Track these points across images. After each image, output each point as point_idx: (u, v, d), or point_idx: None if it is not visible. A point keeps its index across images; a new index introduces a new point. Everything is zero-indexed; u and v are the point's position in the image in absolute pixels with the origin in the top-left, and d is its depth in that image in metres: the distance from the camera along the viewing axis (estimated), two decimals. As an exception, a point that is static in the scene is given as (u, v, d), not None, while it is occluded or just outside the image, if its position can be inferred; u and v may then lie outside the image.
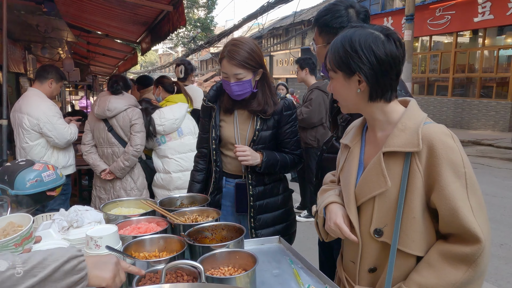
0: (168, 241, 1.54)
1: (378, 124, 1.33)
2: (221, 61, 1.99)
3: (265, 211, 2.13)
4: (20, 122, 3.45)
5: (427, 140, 1.18)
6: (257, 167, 2.04)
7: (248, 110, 2.07)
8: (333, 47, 1.28)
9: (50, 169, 2.72)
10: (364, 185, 1.29)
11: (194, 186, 2.26)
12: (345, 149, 1.46)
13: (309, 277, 1.50)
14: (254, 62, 1.96)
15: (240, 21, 11.52)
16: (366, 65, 1.21)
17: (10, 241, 1.17)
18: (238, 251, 1.43)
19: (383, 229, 1.26)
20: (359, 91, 1.26)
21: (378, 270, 1.32)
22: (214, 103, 2.14)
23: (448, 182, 1.15)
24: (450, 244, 1.19)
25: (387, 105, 1.29)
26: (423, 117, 1.25)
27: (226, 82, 2.00)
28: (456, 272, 1.16)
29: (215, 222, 1.69)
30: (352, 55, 1.22)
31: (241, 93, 1.99)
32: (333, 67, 1.28)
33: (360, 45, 1.21)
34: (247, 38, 2.08)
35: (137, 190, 3.51)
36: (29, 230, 1.23)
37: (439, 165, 1.16)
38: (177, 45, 32.35)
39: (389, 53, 1.21)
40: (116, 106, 3.35)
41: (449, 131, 1.22)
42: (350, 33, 1.25)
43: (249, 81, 1.98)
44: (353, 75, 1.25)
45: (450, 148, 1.17)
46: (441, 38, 15.00)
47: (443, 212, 1.17)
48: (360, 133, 1.42)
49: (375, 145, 1.34)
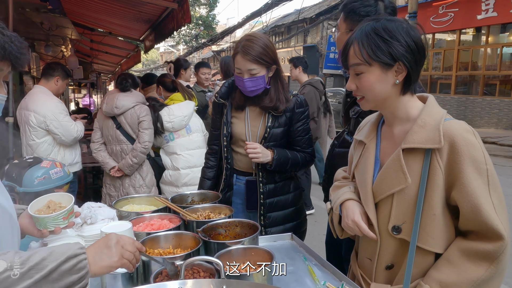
0: (183, 238, 1.54)
1: (396, 120, 1.31)
2: (235, 56, 1.97)
3: (275, 209, 2.12)
4: (27, 120, 3.45)
5: (449, 136, 1.17)
6: (267, 165, 2.02)
7: (260, 107, 2.05)
8: (364, 39, 1.22)
9: (58, 167, 2.72)
10: (382, 182, 1.28)
11: (205, 183, 2.25)
12: (360, 145, 1.45)
13: (324, 274, 1.49)
14: (268, 57, 1.94)
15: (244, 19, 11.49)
16: (408, 52, 1.19)
17: (60, 215, 1.29)
18: (254, 248, 1.42)
19: (402, 226, 1.25)
20: (397, 82, 1.23)
21: (395, 267, 1.31)
22: (226, 99, 2.12)
23: (470, 179, 1.14)
24: (471, 241, 1.19)
25: (410, 99, 1.28)
26: (443, 113, 1.24)
27: (239, 78, 1.97)
28: (477, 269, 1.16)
29: (228, 218, 1.69)
30: (393, 43, 1.19)
31: (255, 89, 1.97)
32: (368, 60, 1.22)
33: (399, 32, 1.19)
34: (260, 33, 2.06)
35: (145, 187, 3.51)
36: (72, 206, 1.35)
37: (461, 162, 1.15)
38: (179, 43, 32.30)
39: (423, 39, 1.21)
40: (124, 103, 3.35)
41: (470, 127, 1.20)
42: (381, 23, 1.22)
43: (262, 77, 1.96)
44: (392, 65, 1.21)
45: (472, 145, 1.16)
46: (444, 36, 14.95)
47: (465, 209, 1.16)
48: (375, 129, 1.41)
49: (392, 141, 1.33)
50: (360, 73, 1.25)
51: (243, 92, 2.02)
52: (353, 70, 1.28)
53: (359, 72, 1.25)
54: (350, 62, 1.27)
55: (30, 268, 0.91)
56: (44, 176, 2.63)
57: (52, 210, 1.31)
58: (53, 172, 2.67)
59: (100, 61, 12.24)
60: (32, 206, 1.32)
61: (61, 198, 1.39)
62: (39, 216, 1.27)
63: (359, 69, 1.25)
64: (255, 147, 1.97)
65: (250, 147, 1.97)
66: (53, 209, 1.32)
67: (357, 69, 1.25)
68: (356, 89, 1.30)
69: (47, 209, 1.32)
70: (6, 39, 1.03)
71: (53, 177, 2.66)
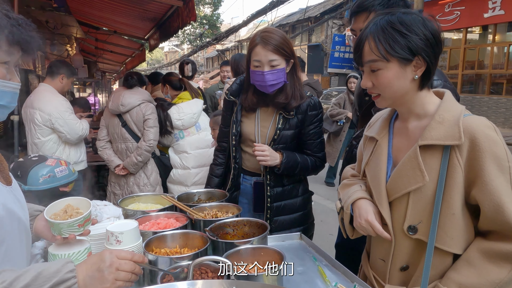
0: (190, 237, 1.50)
1: (412, 116, 1.27)
2: (253, 49, 1.87)
3: (282, 213, 2.05)
4: (32, 118, 3.43)
5: (469, 133, 1.13)
6: (275, 168, 1.96)
7: (273, 104, 1.97)
8: (381, 34, 1.16)
9: (63, 165, 2.70)
10: (397, 180, 1.24)
11: (212, 180, 2.21)
12: (371, 141, 1.40)
13: (335, 274, 1.45)
14: (288, 49, 1.87)
15: (249, 17, 11.44)
16: (427, 45, 1.15)
17: (75, 222, 1.23)
18: (263, 248, 1.38)
19: (418, 226, 1.21)
20: (416, 77, 1.19)
21: (410, 268, 1.27)
22: (236, 97, 2.06)
23: (492, 177, 1.10)
24: (492, 242, 1.14)
25: (427, 94, 1.24)
26: (462, 109, 1.20)
27: (257, 72, 1.86)
28: (499, 270, 1.11)
29: (236, 217, 1.65)
30: (411, 36, 1.14)
31: (275, 82, 1.87)
32: (386, 55, 1.16)
33: (417, 25, 1.15)
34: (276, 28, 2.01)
35: (150, 186, 3.49)
36: (90, 213, 1.28)
37: (482, 159, 1.11)
38: (183, 43, 32.32)
39: (438, 31, 1.17)
40: (130, 101, 3.33)
41: (491, 123, 1.16)
42: (397, 16, 1.17)
43: (283, 70, 1.88)
44: (411, 60, 1.16)
45: (493, 142, 1.12)
46: (450, 35, 14.83)
47: (487, 208, 1.12)
48: (387, 125, 1.36)
49: (407, 138, 1.28)
50: (376, 69, 1.20)
51: (262, 87, 1.91)
52: (368, 67, 1.22)
53: (376, 68, 1.20)
54: (365, 58, 1.22)
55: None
56: (49, 174, 2.61)
57: (69, 215, 1.26)
58: (58, 171, 2.65)
59: (105, 60, 12.25)
60: (49, 210, 1.28)
61: (80, 203, 1.33)
62: (54, 222, 1.22)
63: (376, 65, 1.19)
64: (264, 149, 1.90)
65: (259, 149, 1.90)
66: (70, 215, 1.26)
67: (374, 65, 1.20)
68: (372, 87, 1.24)
69: (64, 213, 1.27)
70: (13, 22, 0.98)
71: (58, 175, 2.64)
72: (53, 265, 0.98)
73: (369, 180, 1.36)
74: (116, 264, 1.03)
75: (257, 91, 1.97)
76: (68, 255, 1.25)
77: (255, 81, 1.91)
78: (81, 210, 1.30)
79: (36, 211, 1.29)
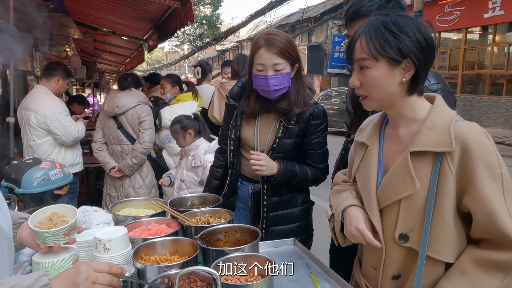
0: (180, 244, 1.48)
1: (402, 121, 1.24)
2: (256, 52, 1.79)
3: (279, 223, 1.97)
4: (27, 120, 3.41)
5: (460, 139, 1.10)
6: (272, 177, 1.89)
7: (274, 111, 1.89)
8: (373, 33, 1.15)
9: (58, 168, 2.68)
10: (388, 187, 1.22)
11: (211, 182, 2.16)
12: (361, 147, 1.37)
13: (327, 282, 1.43)
14: (293, 52, 1.80)
15: (248, 18, 11.40)
16: (418, 49, 1.13)
17: (60, 230, 1.21)
18: (254, 255, 1.36)
19: (409, 234, 1.19)
20: (404, 80, 1.16)
21: (402, 277, 1.25)
22: (237, 101, 1.99)
23: (484, 184, 1.08)
24: (485, 250, 1.12)
25: (417, 99, 1.21)
26: (453, 114, 1.17)
27: (261, 77, 1.78)
28: (492, 280, 1.09)
29: (228, 224, 1.63)
30: (403, 38, 1.12)
31: (279, 87, 1.78)
32: (375, 54, 1.14)
33: (410, 27, 1.12)
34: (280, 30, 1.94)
35: (145, 188, 3.47)
36: (76, 221, 1.26)
37: (474, 166, 1.08)
38: (183, 43, 32.29)
39: (432, 37, 1.15)
40: (125, 103, 3.32)
41: (483, 129, 1.14)
42: (391, 17, 1.15)
43: (287, 74, 1.79)
44: (401, 62, 1.14)
45: (485, 148, 1.09)
46: (450, 35, 14.80)
47: (479, 216, 1.10)
48: (378, 130, 1.34)
49: (397, 144, 1.26)
50: (365, 67, 1.18)
51: (265, 92, 1.82)
52: (358, 65, 1.20)
53: (365, 66, 1.18)
54: (355, 56, 1.20)
55: None
56: (43, 177, 2.59)
57: (54, 224, 1.24)
58: (52, 173, 2.63)
59: (104, 61, 12.23)
60: (34, 218, 1.25)
61: (66, 211, 1.31)
62: (39, 231, 1.20)
63: (365, 63, 1.17)
64: (260, 158, 1.82)
65: (255, 158, 1.83)
66: (55, 223, 1.24)
67: (363, 63, 1.18)
68: (360, 86, 1.22)
69: (49, 221, 1.25)
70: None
71: (53, 178, 2.62)
72: (26, 278, 0.95)
73: (360, 187, 1.33)
74: (92, 278, 0.99)
75: (259, 97, 1.89)
76: (53, 263, 1.23)
77: (258, 85, 1.82)
78: (67, 218, 1.27)
79: (21, 219, 1.26)
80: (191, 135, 2.78)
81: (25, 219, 1.26)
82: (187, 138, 2.78)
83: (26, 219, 1.26)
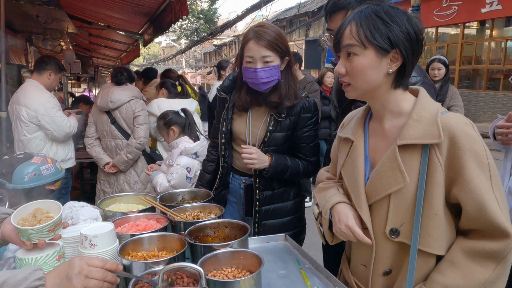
0: (168, 240, 1.45)
1: (387, 115, 1.22)
2: (246, 44, 1.79)
3: (271, 217, 1.98)
4: (18, 114, 3.37)
5: (448, 130, 1.09)
6: (264, 171, 1.89)
7: (265, 103, 1.89)
8: (364, 19, 1.12)
9: (49, 163, 2.64)
10: (377, 182, 1.19)
11: (204, 176, 2.15)
12: (346, 143, 1.35)
13: (318, 278, 1.41)
14: (282, 45, 1.79)
15: (244, 12, 11.31)
16: (407, 40, 1.11)
17: (45, 227, 1.18)
18: (242, 251, 1.33)
19: (400, 229, 1.17)
20: (390, 71, 1.14)
21: (393, 272, 1.23)
22: (228, 94, 1.98)
23: (473, 175, 1.06)
24: (475, 241, 1.11)
25: (401, 93, 1.19)
26: (438, 106, 1.16)
27: (250, 69, 1.78)
28: (484, 270, 1.08)
29: (217, 219, 1.61)
30: (394, 27, 1.10)
31: (268, 80, 1.78)
32: (364, 41, 1.12)
33: (400, 18, 1.10)
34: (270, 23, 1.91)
35: (140, 183, 3.44)
36: (60, 217, 1.24)
37: (462, 157, 1.07)
38: (180, 37, 32.13)
39: (422, 30, 1.13)
40: (119, 97, 3.28)
41: (469, 120, 1.12)
42: (383, 7, 1.13)
43: (277, 67, 1.79)
44: (389, 52, 1.12)
45: (472, 138, 1.08)
46: (448, 30, 14.77)
47: (469, 207, 1.08)
48: (362, 125, 1.31)
49: (383, 138, 1.23)
50: (353, 54, 1.15)
51: (254, 85, 1.82)
52: (345, 52, 1.17)
53: (352, 53, 1.15)
54: (343, 42, 1.17)
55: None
56: (34, 172, 2.55)
57: (38, 220, 1.21)
58: (44, 168, 2.60)
59: (99, 55, 12.16)
60: (16, 215, 1.22)
61: (50, 206, 1.28)
62: (22, 228, 1.16)
63: (353, 50, 1.14)
64: (251, 152, 1.82)
65: (246, 152, 1.83)
66: (39, 220, 1.21)
67: (351, 49, 1.15)
68: (345, 74, 1.19)
69: (32, 218, 1.22)
70: None
71: (44, 173, 2.59)
72: (20, 272, 0.94)
73: (347, 183, 1.31)
74: (85, 271, 0.99)
75: (250, 90, 1.89)
76: (36, 259, 1.20)
77: (248, 78, 1.82)
78: (51, 214, 1.25)
79: (3, 214, 1.23)
80: (174, 131, 2.73)
81: (8, 215, 1.23)
82: (170, 135, 2.75)
83: (9, 214, 1.23)
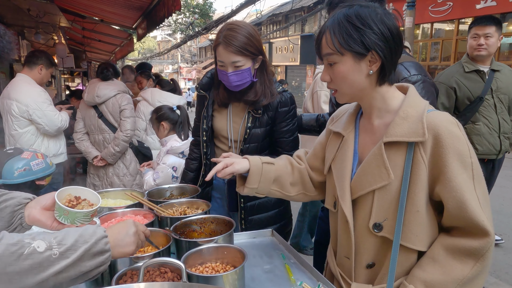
0: (154, 235, 1.45)
1: (376, 112, 1.24)
2: (216, 48, 1.78)
3: (257, 212, 1.99)
4: (9, 109, 3.35)
5: (432, 129, 1.10)
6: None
7: (243, 101, 1.89)
8: (336, 27, 1.13)
9: (39, 158, 2.63)
10: (362, 178, 1.21)
11: (187, 175, 2.16)
12: (337, 136, 1.36)
13: (302, 272, 1.43)
14: (253, 48, 1.76)
15: (238, 7, 11.26)
16: (382, 41, 1.11)
17: (90, 212, 1.22)
18: (227, 247, 1.34)
19: (383, 224, 1.18)
20: (371, 72, 1.15)
21: (376, 265, 1.25)
22: (207, 91, 1.98)
23: (455, 173, 1.08)
24: (456, 238, 1.13)
25: (388, 90, 1.20)
26: (425, 104, 1.17)
27: (222, 72, 1.78)
28: (463, 267, 1.10)
29: (204, 214, 1.62)
30: (366, 31, 1.10)
31: (240, 83, 1.79)
32: (340, 49, 1.13)
33: (372, 19, 1.11)
34: (243, 22, 1.88)
35: (130, 176, 3.46)
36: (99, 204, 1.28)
37: (445, 155, 1.08)
38: (176, 32, 31.97)
39: (397, 26, 1.14)
40: (105, 92, 3.30)
41: (454, 119, 1.13)
42: (354, 10, 1.13)
43: (248, 70, 1.78)
44: (366, 55, 1.13)
45: (456, 137, 1.09)
46: (443, 26, 14.78)
47: (450, 205, 1.10)
48: (353, 121, 1.33)
49: (371, 134, 1.25)
50: (333, 63, 1.18)
51: (228, 87, 1.84)
52: (326, 60, 1.20)
53: (332, 62, 1.18)
54: (322, 52, 1.19)
55: (67, 249, 0.93)
56: (24, 167, 2.55)
57: (81, 206, 1.22)
58: (34, 164, 2.59)
59: (93, 49, 12.08)
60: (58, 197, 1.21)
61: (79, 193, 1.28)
62: (71, 210, 1.18)
63: (332, 59, 1.17)
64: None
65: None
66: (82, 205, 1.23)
67: (330, 59, 1.17)
68: (330, 81, 1.22)
69: (68, 202, 1.23)
70: None
71: (34, 168, 2.58)
72: (87, 228, 1.02)
73: (335, 177, 1.32)
74: (139, 232, 1.13)
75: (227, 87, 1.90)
76: None
77: (222, 80, 1.84)
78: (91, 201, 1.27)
79: (26, 199, 1.22)
80: (164, 127, 2.73)
81: (30, 199, 1.23)
82: (161, 130, 2.75)
83: (30, 199, 1.23)
